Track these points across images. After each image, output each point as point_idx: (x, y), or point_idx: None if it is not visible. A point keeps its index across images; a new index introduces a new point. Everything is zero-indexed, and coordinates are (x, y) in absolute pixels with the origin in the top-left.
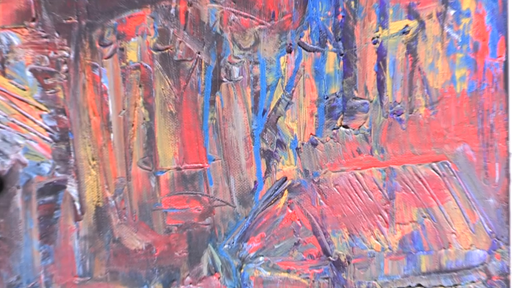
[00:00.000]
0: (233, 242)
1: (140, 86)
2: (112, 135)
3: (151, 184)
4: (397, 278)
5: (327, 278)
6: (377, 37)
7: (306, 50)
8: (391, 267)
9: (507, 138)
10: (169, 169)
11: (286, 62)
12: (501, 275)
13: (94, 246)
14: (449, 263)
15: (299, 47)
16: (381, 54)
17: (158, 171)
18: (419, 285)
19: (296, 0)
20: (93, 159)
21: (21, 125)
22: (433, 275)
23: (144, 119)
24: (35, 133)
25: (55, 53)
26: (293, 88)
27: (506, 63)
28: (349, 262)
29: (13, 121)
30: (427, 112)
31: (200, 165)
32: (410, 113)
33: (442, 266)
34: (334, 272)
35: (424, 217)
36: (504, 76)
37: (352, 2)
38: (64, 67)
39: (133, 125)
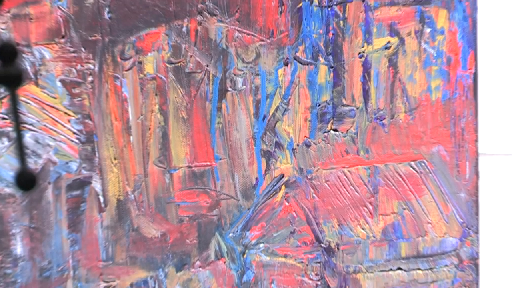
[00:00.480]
0: (237, 231)
1: (156, 94)
2: (131, 137)
3: (166, 180)
4: (380, 262)
5: (319, 262)
6: (363, 52)
7: (301, 63)
8: (375, 253)
9: (476, 140)
10: (181, 167)
11: (283, 74)
12: (471, 260)
13: (115, 234)
14: (425, 249)
15: (295, 61)
16: (366, 67)
17: (172, 169)
18: (399, 268)
19: (292, 20)
20: (114, 159)
21: (52, 129)
22: (412, 259)
23: (160, 123)
24: (64, 136)
25: (82, 66)
26: (289, 97)
27: (475, 75)
28: (338, 248)
29: (45, 125)
30: (407, 118)
31: (208, 163)
32: (392, 118)
33: (420, 252)
34: (325, 257)
35: (404, 209)
36: (474, 86)
37: (341, 22)
38: (90, 78)
39: (149, 128)
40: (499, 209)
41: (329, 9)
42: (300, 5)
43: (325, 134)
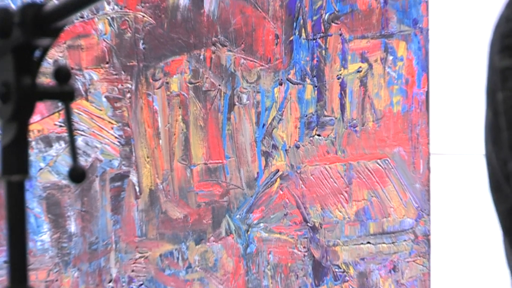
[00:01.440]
0: (242, 213)
1: (179, 107)
2: (160, 141)
3: (187, 174)
4: (353, 238)
5: (306, 238)
6: (340, 74)
7: (292, 84)
8: (350, 230)
9: (428, 143)
10: (199, 164)
11: (279, 91)
12: (424, 236)
13: (148, 216)
14: (389, 228)
15: (287, 81)
16: (342, 86)
17: (192, 165)
18: (368, 242)
19: (285, 50)
20: (147, 157)
21: (98, 134)
22: (378, 235)
23: (182, 130)
24: (108, 140)
25: (122, 85)
26: (283, 109)
27: (427, 92)
28: (321, 227)
29: (93, 131)
30: (374, 126)
31: (220, 161)
32: (362, 126)
33: (384, 230)
34: (311, 233)
35: (372, 196)
36: (426, 101)
37: (323, 51)
38: (128, 95)
39: (174, 134)
40: (447, 196)
41: (314, 41)
42: (291, 38)
43: (311, 138)
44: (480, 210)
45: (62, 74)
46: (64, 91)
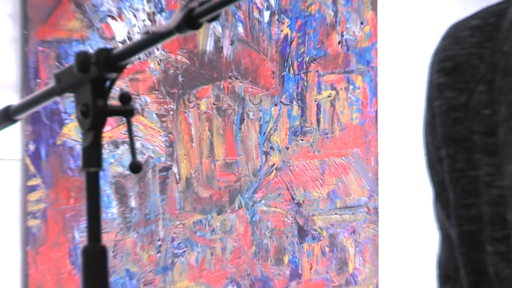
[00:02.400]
0: (250, 194)
1: (206, 121)
2: (193, 144)
3: (211, 166)
4: (325, 210)
5: (293, 210)
6: (317, 98)
7: (284, 105)
8: (323, 205)
9: (377, 146)
10: (220, 160)
11: (274, 110)
12: (374, 209)
13: (184, 196)
14: (350, 203)
15: (280, 103)
16: (318, 106)
17: (215, 160)
18: (336, 213)
19: (278, 81)
20: (184, 155)
21: (151, 139)
22: (343, 209)
23: (208, 136)
24: (157, 143)
25: (167, 106)
26: (277, 122)
27: (376, 111)
28: (303, 203)
29: (147, 137)
30: (340, 133)
31: (234, 158)
32: (332, 134)
33: (347, 205)
34: (296, 207)
35: (339, 182)
36: (376, 117)
37: (305, 82)
38: (171, 112)
39: (203, 139)
40: (390, 182)
41: (299, 75)
42: (283, 73)
43: (297, 142)
44: (414, 192)
45: (125, 98)
46: (126, 109)
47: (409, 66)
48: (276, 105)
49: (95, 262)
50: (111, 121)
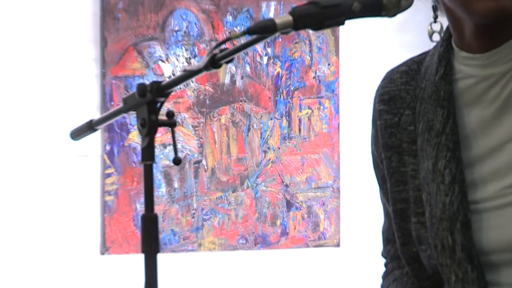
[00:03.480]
0: (254, 178)
1: (225, 130)
2: (216, 145)
3: (228, 160)
4: (304, 189)
5: (282, 190)
6: (299, 115)
7: (276, 119)
8: (303, 186)
9: (339, 147)
10: (234, 156)
11: (271, 123)
12: (337, 189)
13: (210, 180)
14: (321, 185)
15: (275, 118)
16: (300, 120)
17: (231, 156)
18: (311, 192)
19: (273, 103)
20: (210, 153)
21: (188, 142)
22: (316, 188)
23: (226, 140)
24: (192, 145)
25: (198, 120)
26: (272, 131)
27: (339, 124)
28: (289, 184)
29: (185, 141)
30: (315, 138)
31: (244, 155)
32: (309, 138)
33: (319, 186)
34: (285, 188)
35: (313, 170)
36: (338, 128)
37: (291, 104)
38: (201, 125)
39: (222, 142)
40: (348, 171)
41: (287, 99)
42: (276, 98)
43: (285, 144)
44: (365, 178)
45: (170, 114)
46: (171, 122)
47: (361, 94)
48: (271, 119)
49: (150, 224)
50: (160, 130)
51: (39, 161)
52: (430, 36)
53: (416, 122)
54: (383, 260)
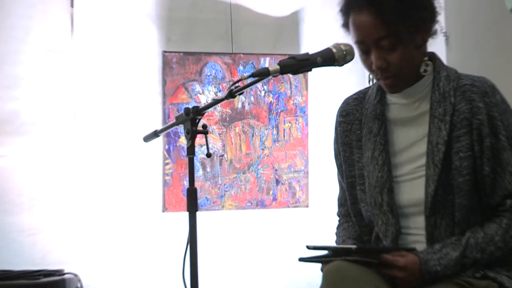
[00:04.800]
0: (256, 165)
1: (238, 136)
2: (233, 145)
3: (240, 154)
4: (288, 172)
5: (274, 172)
6: (284, 127)
7: (270, 129)
8: (286, 170)
9: (308, 145)
10: (243, 152)
11: (266, 132)
12: (307, 172)
13: (230, 166)
14: (296, 170)
15: (269, 129)
16: (284, 130)
17: (241, 152)
18: (291, 173)
19: (268, 120)
20: (229, 150)
21: (215, 143)
22: (294, 171)
23: (238, 142)
24: (217, 145)
25: (223, 131)
26: (268, 136)
27: (308, 132)
28: (278, 169)
29: (214, 142)
30: (293, 141)
31: (250, 151)
32: (289, 141)
33: (295, 170)
34: (275, 171)
35: (292, 161)
36: (307, 135)
37: (279, 121)
38: (224, 132)
39: (236, 143)
40: (315, 161)
41: (276, 117)
42: (270, 117)
43: (275, 144)
44: (326, 164)
45: (204, 126)
46: (205, 131)
47: (322, 114)
48: (267, 129)
49: (192, 194)
50: (199, 136)
51: (128, 155)
52: (369, 80)
53: (361, 128)
54: (337, 218)
